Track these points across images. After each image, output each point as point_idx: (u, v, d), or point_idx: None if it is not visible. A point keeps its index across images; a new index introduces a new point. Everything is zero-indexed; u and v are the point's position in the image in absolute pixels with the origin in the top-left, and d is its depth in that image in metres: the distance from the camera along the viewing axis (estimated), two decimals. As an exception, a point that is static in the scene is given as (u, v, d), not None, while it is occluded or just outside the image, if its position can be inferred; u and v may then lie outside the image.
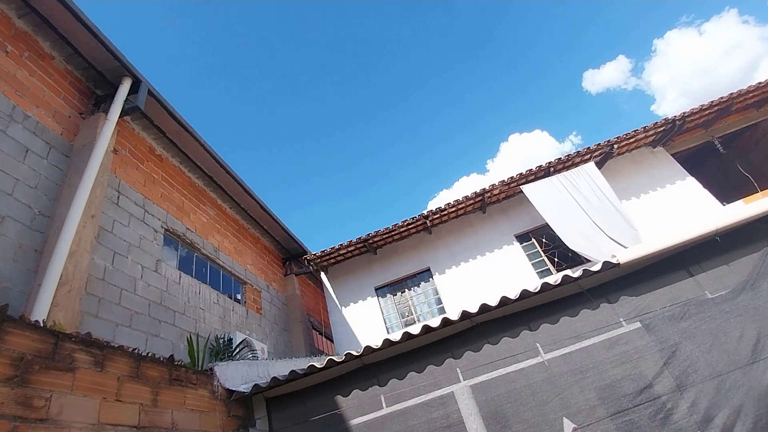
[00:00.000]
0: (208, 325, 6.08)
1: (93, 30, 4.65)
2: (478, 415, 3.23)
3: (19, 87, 4.26)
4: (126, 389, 2.59)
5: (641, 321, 3.33)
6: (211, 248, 6.98)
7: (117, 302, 4.50)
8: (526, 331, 3.55)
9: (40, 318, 3.22)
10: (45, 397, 2.07)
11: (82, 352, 2.40)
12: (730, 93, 7.72)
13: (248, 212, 8.56)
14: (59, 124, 4.66)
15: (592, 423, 3.00)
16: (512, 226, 8.78)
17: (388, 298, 9.13)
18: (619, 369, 3.17)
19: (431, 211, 8.57)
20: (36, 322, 2.22)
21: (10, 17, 4.38)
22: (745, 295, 3.21)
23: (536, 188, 7.96)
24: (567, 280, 3.52)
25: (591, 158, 8.21)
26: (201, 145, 6.56)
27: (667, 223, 7.55)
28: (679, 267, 3.55)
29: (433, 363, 3.61)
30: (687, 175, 8.19)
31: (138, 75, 5.26)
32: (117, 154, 5.34)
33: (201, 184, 7.40)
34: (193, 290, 6.07)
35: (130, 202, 5.34)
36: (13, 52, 4.32)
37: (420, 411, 3.39)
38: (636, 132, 7.91)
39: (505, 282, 7.90)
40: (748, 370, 2.93)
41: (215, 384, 3.52)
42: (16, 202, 3.81)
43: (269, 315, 8.33)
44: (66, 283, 3.73)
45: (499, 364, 3.45)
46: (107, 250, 4.66)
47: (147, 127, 6.10)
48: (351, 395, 3.64)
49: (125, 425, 2.48)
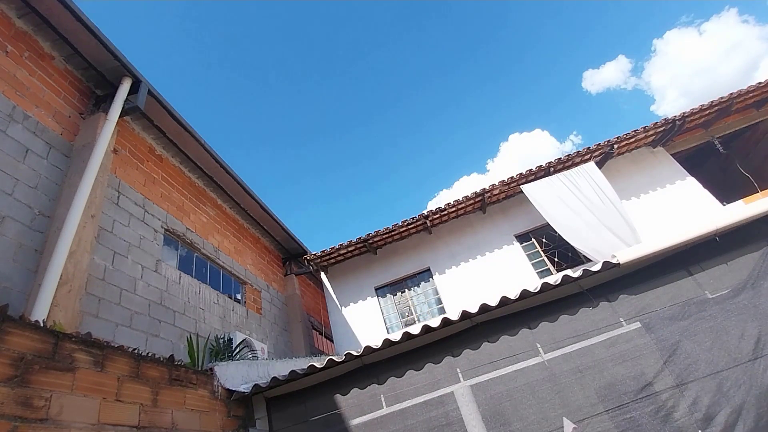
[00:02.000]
0: (208, 325, 6.08)
1: (93, 30, 4.65)
2: (478, 413, 3.23)
3: (19, 87, 4.26)
4: (126, 389, 2.59)
5: (641, 320, 3.33)
6: (211, 248, 6.97)
7: (117, 302, 4.50)
8: (526, 331, 3.55)
9: (40, 318, 3.22)
10: (45, 397, 2.07)
11: (82, 352, 2.39)
12: (730, 93, 7.72)
13: (248, 212, 8.55)
14: (59, 124, 4.66)
15: (592, 421, 3.00)
16: (512, 226, 8.77)
17: (388, 298, 9.13)
18: (620, 367, 3.17)
19: (431, 211, 8.57)
20: (36, 322, 2.22)
21: (10, 17, 4.38)
22: (746, 294, 3.21)
23: (536, 188, 7.95)
24: (567, 280, 3.52)
25: (591, 158, 8.21)
26: (201, 145, 6.56)
27: (667, 223, 7.55)
28: (679, 267, 3.55)
29: (433, 363, 3.61)
30: (687, 175, 8.19)
31: (138, 75, 5.26)
32: (117, 154, 5.34)
33: (201, 184, 7.40)
34: (193, 290, 6.07)
35: (130, 202, 5.34)
36: (13, 52, 4.32)
37: (419, 410, 3.39)
38: (636, 132, 7.91)
39: (505, 282, 7.90)
40: (749, 369, 2.93)
41: (215, 384, 3.52)
42: (16, 202, 3.81)
43: (269, 315, 8.33)
44: (66, 283, 3.73)
45: (499, 364, 3.45)
46: (107, 250, 4.66)
47: (147, 127, 6.10)
48: (351, 395, 3.64)
49: (125, 425, 2.48)
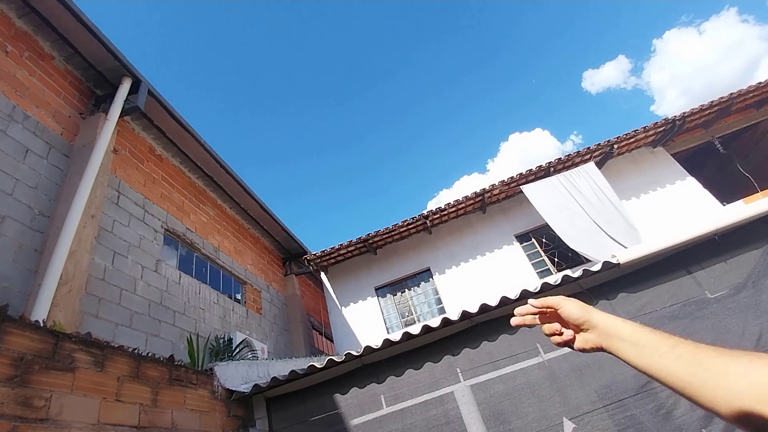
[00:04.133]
0: (208, 325, 6.07)
1: (93, 30, 4.65)
2: (477, 413, 3.23)
3: (19, 87, 4.26)
4: (126, 389, 2.59)
5: (641, 319, 3.33)
6: (211, 248, 6.97)
7: (117, 302, 4.50)
8: (526, 331, 3.55)
9: (40, 318, 3.22)
10: (45, 397, 2.07)
11: (82, 352, 2.39)
12: (730, 93, 7.71)
13: (248, 212, 8.55)
14: (59, 124, 4.65)
15: (592, 419, 3.00)
16: (512, 226, 8.77)
17: (388, 298, 9.13)
18: (620, 366, 3.16)
19: (431, 211, 8.57)
20: (36, 322, 2.22)
21: (10, 17, 4.38)
22: (747, 292, 3.21)
23: (536, 188, 7.95)
24: (567, 280, 3.52)
25: (591, 158, 8.21)
26: (201, 145, 6.56)
27: (668, 223, 7.55)
28: (679, 267, 3.55)
29: (433, 362, 3.61)
30: (687, 175, 8.19)
31: (138, 75, 5.26)
32: (117, 154, 5.34)
33: (201, 184, 7.40)
34: (193, 290, 6.07)
35: (130, 202, 5.34)
36: (13, 52, 4.31)
37: (419, 410, 3.39)
38: (636, 132, 7.91)
39: (505, 282, 7.90)
40: (751, 368, 2.93)
41: (215, 384, 3.52)
42: (16, 202, 3.81)
43: (269, 315, 8.32)
44: (66, 283, 3.73)
45: (499, 364, 3.44)
46: (107, 250, 4.66)
47: (147, 127, 6.10)
48: (351, 395, 3.64)
49: (125, 425, 2.47)
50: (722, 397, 0.45)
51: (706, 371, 0.48)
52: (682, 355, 0.53)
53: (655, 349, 0.57)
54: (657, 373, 0.56)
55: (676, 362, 0.53)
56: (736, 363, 0.46)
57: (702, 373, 0.49)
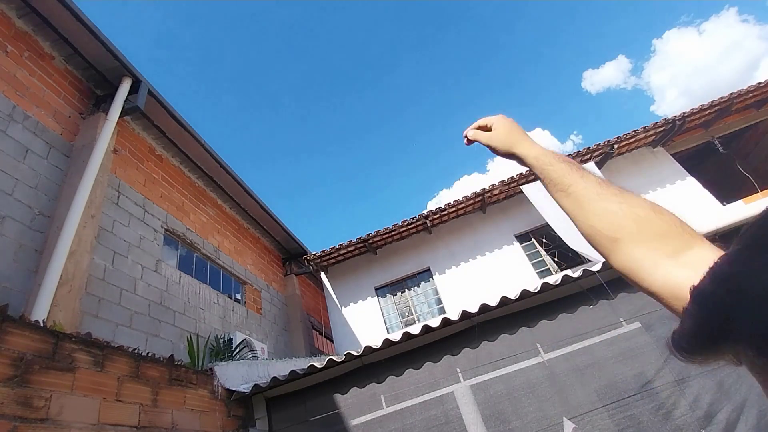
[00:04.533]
0: (208, 325, 6.07)
1: (93, 30, 4.65)
2: (477, 412, 3.24)
3: (19, 87, 4.26)
4: (126, 389, 2.59)
5: (641, 320, 3.33)
6: (211, 248, 6.97)
7: (117, 302, 4.50)
8: (526, 331, 3.55)
9: (40, 318, 3.22)
10: (45, 397, 2.07)
11: (82, 352, 2.39)
12: (730, 93, 7.71)
13: (248, 212, 8.55)
14: (59, 124, 4.65)
15: (592, 418, 3.00)
16: (512, 226, 8.77)
17: (388, 298, 9.13)
18: (620, 366, 3.17)
19: (431, 211, 8.57)
20: (36, 322, 2.22)
21: (10, 17, 4.38)
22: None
23: (536, 188, 7.94)
24: (567, 280, 3.52)
25: (591, 158, 8.21)
26: (201, 145, 6.56)
27: (667, 222, 7.53)
28: (680, 266, 3.55)
29: (433, 362, 3.61)
30: (687, 175, 8.19)
31: (138, 75, 5.26)
32: (117, 154, 5.34)
33: (201, 184, 7.40)
34: (193, 290, 6.07)
35: (130, 202, 5.34)
36: (13, 52, 4.31)
37: (419, 410, 3.39)
38: (636, 132, 7.91)
39: (505, 282, 7.90)
40: (751, 367, 2.93)
41: (215, 384, 3.52)
42: (16, 202, 3.81)
43: (269, 315, 8.32)
44: (66, 283, 3.73)
45: (499, 364, 3.45)
46: (107, 250, 4.66)
47: (147, 127, 6.10)
48: (351, 395, 3.64)
49: (125, 425, 2.48)
50: (583, 222, 0.57)
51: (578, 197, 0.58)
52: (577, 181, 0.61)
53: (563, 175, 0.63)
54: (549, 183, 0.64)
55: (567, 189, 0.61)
56: (603, 200, 0.56)
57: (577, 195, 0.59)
